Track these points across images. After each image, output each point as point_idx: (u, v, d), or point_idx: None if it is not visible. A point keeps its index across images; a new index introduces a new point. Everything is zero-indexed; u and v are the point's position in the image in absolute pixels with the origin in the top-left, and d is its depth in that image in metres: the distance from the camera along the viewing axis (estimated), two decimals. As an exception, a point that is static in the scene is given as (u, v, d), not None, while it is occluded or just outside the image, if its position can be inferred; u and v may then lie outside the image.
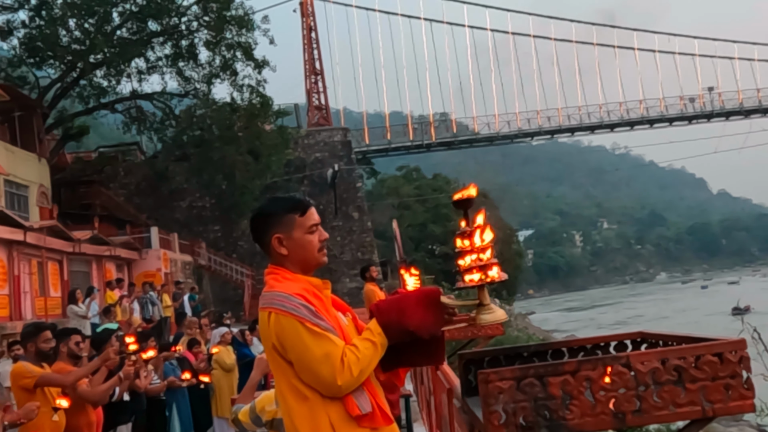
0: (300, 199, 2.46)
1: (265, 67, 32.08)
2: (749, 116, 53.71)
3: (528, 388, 1.77)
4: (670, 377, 1.77)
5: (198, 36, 32.07)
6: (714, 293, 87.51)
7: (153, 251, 26.24)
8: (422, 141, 48.45)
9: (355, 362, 2.15)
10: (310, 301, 2.23)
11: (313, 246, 2.40)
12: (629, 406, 1.76)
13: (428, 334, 2.22)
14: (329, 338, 2.18)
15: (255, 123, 32.15)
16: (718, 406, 1.77)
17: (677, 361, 1.78)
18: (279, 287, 2.29)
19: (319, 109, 45.42)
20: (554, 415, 1.76)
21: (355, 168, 42.23)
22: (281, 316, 2.21)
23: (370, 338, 2.23)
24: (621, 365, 1.78)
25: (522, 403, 1.76)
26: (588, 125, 51.84)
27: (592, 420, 1.76)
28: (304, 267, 2.39)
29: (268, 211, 2.43)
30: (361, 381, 2.18)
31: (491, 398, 1.77)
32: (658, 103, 52.45)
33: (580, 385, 1.77)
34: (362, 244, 39.63)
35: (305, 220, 2.39)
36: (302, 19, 46.89)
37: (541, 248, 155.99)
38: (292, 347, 2.20)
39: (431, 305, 2.23)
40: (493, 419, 1.76)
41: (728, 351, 1.78)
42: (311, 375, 2.18)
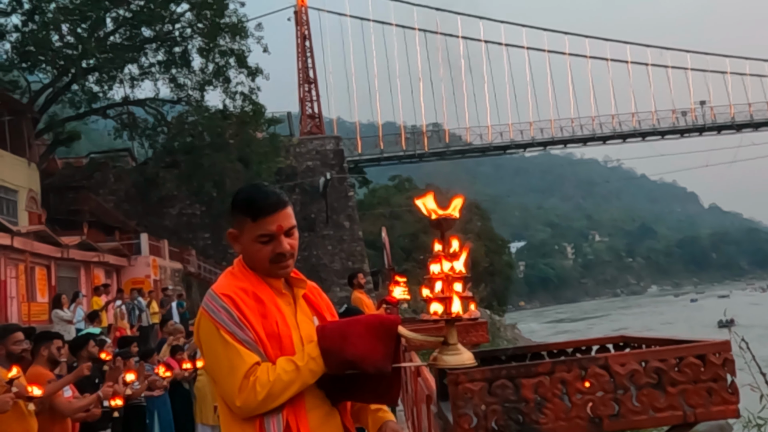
0: (257, 201, 2.07)
1: (258, 74, 32.11)
2: (740, 130, 53.97)
3: (499, 390, 1.67)
4: (650, 380, 1.67)
5: (191, 43, 32.08)
6: (703, 307, 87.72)
7: (142, 258, 26.05)
8: (415, 151, 48.48)
9: (263, 383, 1.90)
10: (238, 305, 1.98)
11: (262, 256, 2.06)
12: (606, 410, 1.66)
13: (373, 368, 1.93)
14: (239, 351, 1.93)
15: (246, 130, 32.10)
16: (700, 411, 1.67)
17: (658, 363, 1.68)
18: (217, 284, 2.08)
19: (311, 118, 45.40)
20: (527, 419, 1.66)
21: (347, 177, 42.21)
22: (203, 317, 2.01)
23: (296, 361, 1.94)
24: (598, 367, 1.68)
25: (493, 406, 1.66)
26: (580, 137, 51.96)
27: (566, 424, 1.66)
28: (260, 272, 2.11)
29: (233, 202, 2.14)
30: (268, 406, 1.92)
31: (461, 401, 1.67)
32: (650, 116, 52.65)
33: (554, 387, 1.67)
34: (352, 253, 39.55)
35: (256, 227, 2.05)
36: (296, 27, 46.94)
37: (532, 260, 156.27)
38: (205, 352, 2.02)
39: (384, 336, 1.95)
40: (462, 423, 1.66)
41: (711, 353, 1.69)
42: (217, 386, 2.00)
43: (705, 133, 53.80)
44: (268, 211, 2.05)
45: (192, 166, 30.83)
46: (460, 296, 1.84)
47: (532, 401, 1.67)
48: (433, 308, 1.85)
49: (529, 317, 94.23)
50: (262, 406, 1.92)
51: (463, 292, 1.85)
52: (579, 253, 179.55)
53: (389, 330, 1.97)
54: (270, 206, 2.06)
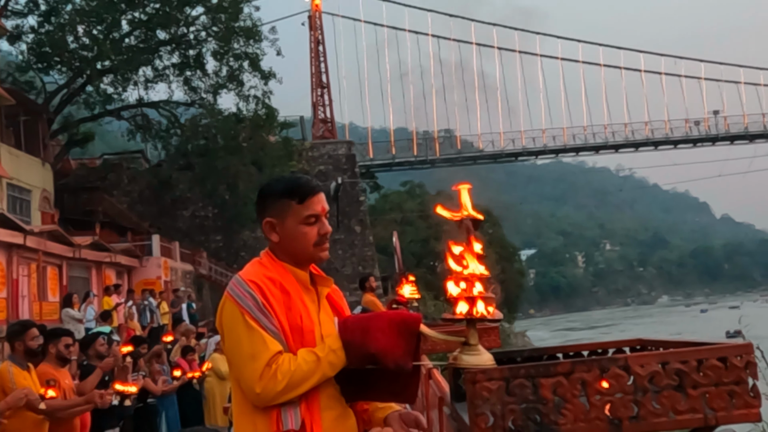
0: (301, 183, 2.14)
1: (272, 78, 32.23)
2: (754, 141, 53.67)
3: (518, 389, 1.64)
4: (670, 382, 1.64)
5: (206, 46, 32.24)
6: (713, 317, 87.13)
7: (153, 259, 26.15)
8: (426, 157, 48.47)
9: (285, 372, 1.90)
10: (264, 293, 1.98)
11: (308, 239, 2.09)
12: (626, 412, 1.63)
13: (394, 364, 1.92)
14: (263, 338, 1.93)
15: (260, 134, 32.21)
16: (722, 414, 1.64)
17: (678, 364, 1.65)
18: (245, 271, 2.08)
19: (324, 122, 45.48)
20: (545, 419, 1.63)
21: (359, 182, 42.23)
22: (227, 300, 2.02)
23: (317, 352, 1.95)
24: (618, 368, 1.66)
25: (511, 406, 1.63)
26: (593, 145, 51.81)
27: (585, 426, 1.63)
28: (297, 259, 2.11)
29: (266, 192, 2.17)
30: (287, 396, 1.91)
31: (478, 400, 1.64)
32: (663, 125, 52.42)
33: (573, 387, 1.64)
34: (363, 258, 39.53)
35: (302, 209, 2.10)
36: (310, 32, 47.08)
37: (544, 268, 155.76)
38: (227, 336, 2.01)
39: (406, 332, 1.95)
40: (479, 422, 1.64)
41: (733, 355, 1.66)
42: (237, 372, 1.98)
43: (718, 143, 53.53)
44: (314, 191, 2.13)
45: (206, 169, 30.94)
46: (483, 297, 1.83)
47: (550, 401, 1.64)
48: (459, 308, 1.84)
49: (539, 325, 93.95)
50: (281, 396, 1.91)
51: (485, 293, 1.84)
52: (590, 262, 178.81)
53: (411, 327, 1.97)
54: (315, 187, 2.15)
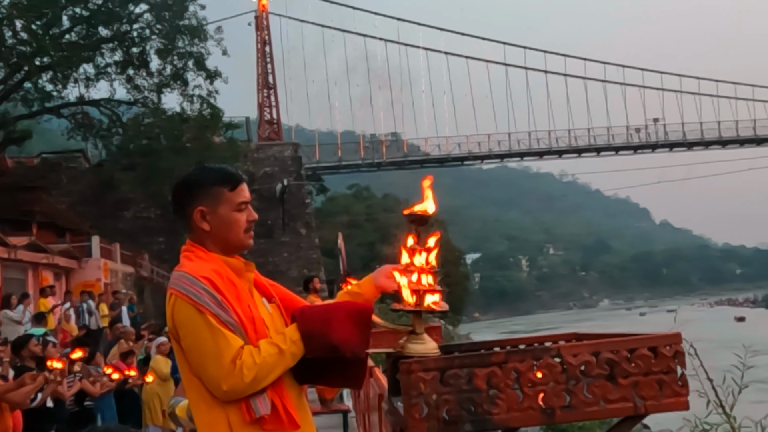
0: (231, 172, 2.20)
1: (217, 78, 31.80)
2: (692, 148, 55.16)
3: (452, 379, 1.65)
4: (602, 371, 1.67)
5: (149, 44, 31.64)
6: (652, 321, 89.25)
7: (93, 260, 25.56)
8: (373, 160, 48.55)
9: (250, 367, 1.93)
10: (218, 288, 2.00)
11: (240, 225, 2.14)
12: (558, 401, 1.66)
13: (351, 353, 2.00)
14: (225, 335, 1.95)
15: (205, 134, 31.77)
16: (651, 403, 1.67)
17: (610, 354, 1.68)
18: (188, 267, 2.06)
19: (270, 124, 45.17)
20: (479, 409, 1.64)
21: (305, 184, 42.04)
22: (180, 299, 1.99)
23: (279, 344, 1.98)
24: (551, 357, 1.68)
25: (445, 396, 1.64)
26: (537, 150, 52.61)
27: (519, 415, 1.65)
28: (226, 247, 2.14)
29: (194, 181, 2.17)
30: (254, 388, 1.95)
31: (413, 390, 1.65)
32: (605, 131, 53.53)
33: (507, 377, 1.66)
34: (309, 260, 39.34)
35: (235, 196, 2.14)
36: (256, 32, 46.70)
37: (489, 272, 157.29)
38: (185, 336, 1.99)
39: (361, 322, 2.02)
40: (414, 412, 1.64)
41: (663, 345, 1.70)
42: (200, 371, 1.98)
43: (658, 150, 54.86)
44: (242, 179, 2.20)
45: (150, 169, 30.36)
46: (431, 289, 1.89)
47: (485, 391, 1.65)
48: (405, 298, 1.90)
49: (485, 328, 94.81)
50: (248, 389, 1.95)
51: (434, 285, 1.89)
52: (535, 266, 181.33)
53: (365, 317, 2.03)
54: (241, 175, 2.22)
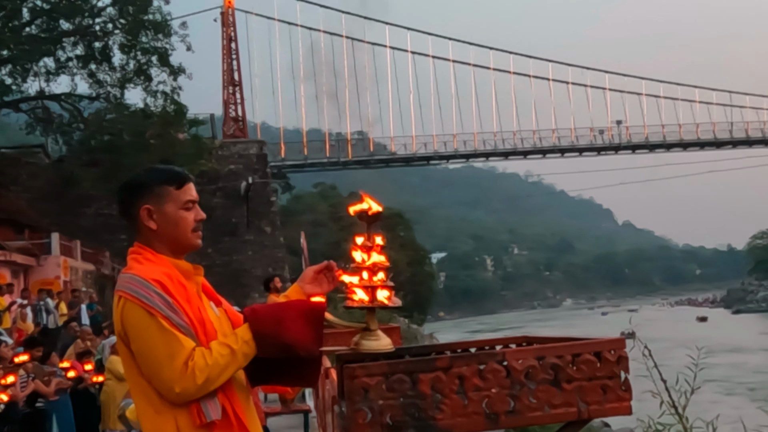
0: (177, 171, 2.20)
1: (181, 74, 31.50)
2: (654, 150, 56.06)
3: (397, 385, 1.64)
4: (546, 376, 1.67)
5: (112, 38, 31.22)
6: (613, 320, 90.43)
7: (52, 258, 25.10)
8: (339, 158, 48.47)
9: (202, 368, 1.91)
10: (169, 291, 1.98)
11: (187, 224, 2.13)
12: (503, 406, 1.65)
13: (305, 352, 1.98)
14: (178, 337, 1.93)
15: (169, 131, 31.40)
16: (594, 408, 1.67)
17: (554, 359, 1.68)
18: (137, 269, 2.04)
19: (235, 121, 44.83)
20: (423, 414, 1.63)
21: (270, 182, 41.79)
22: (130, 302, 1.97)
23: (231, 345, 1.97)
24: (496, 363, 1.67)
25: (390, 401, 1.63)
26: (502, 151, 52.98)
27: (463, 420, 1.64)
28: (175, 247, 2.14)
29: (140, 181, 2.18)
30: (206, 390, 1.93)
31: (357, 395, 1.63)
32: (570, 133, 54.12)
33: (452, 383, 1.65)
34: (274, 259, 39.11)
35: (181, 194, 2.14)
36: (222, 29, 46.32)
37: (454, 271, 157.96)
38: (136, 339, 1.96)
39: (314, 320, 2.00)
40: (357, 418, 1.62)
41: (607, 350, 1.70)
42: (151, 374, 1.96)
43: (621, 152, 55.64)
44: (188, 178, 2.19)
45: (112, 166, 29.86)
46: (383, 285, 1.89)
47: (429, 397, 1.64)
48: (358, 296, 1.91)
49: (449, 328, 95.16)
50: (200, 391, 1.93)
51: (385, 281, 1.90)
52: (500, 266, 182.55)
53: (318, 315, 2.02)
54: (188, 174, 2.21)
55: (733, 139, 56.65)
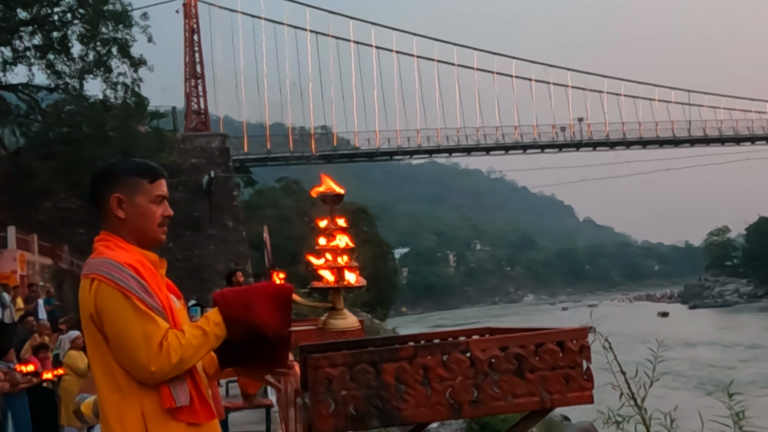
0: (152, 165, 2.26)
1: (142, 66, 31.09)
2: (614, 148, 56.84)
3: (360, 375, 1.63)
4: (509, 366, 1.67)
5: (71, 28, 30.65)
6: (573, 315, 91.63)
7: (8, 252, 24.63)
8: (302, 153, 48.30)
9: (176, 348, 1.95)
10: (142, 275, 2.04)
11: (154, 217, 2.19)
12: (466, 396, 1.65)
13: (274, 333, 2.05)
14: (153, 318, 1.98)
15: (129, 123, 31.00)
16: (557, 397, 1.69)
17: (518, 349, 1.69)
18: (110, 254, 2.08)
19: (197, 114, 44.40)
20: (387, 405, 1.62)
21: (233, 176, 41.49)
22: (105, 284, 2.00)
23: (203, 326, 2.02)
24: (460, 352, 1.67)
25: (353, 392, 1.62)
26: (465, 147, 53.29)
27: (427, 411, 1.64)
28: (141, 239, 2.18)
29: (114, 169, 2.23)
30: (180, 370, 1.99)
31: (320, 386, 1.62)
32: (532, 129, 54.61)
33: (416, 372, 1.64)
34: (236, 254, 38.85)
35: (153, 188, 2.20)
36: (185, 20, 45.83)
37: (417, 267, 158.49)
38: (110, 321, 1.99)
39: (281, 303, 2.07)
40: (321, 408, 1.61)
41: (569, 339, 1.71)
42: (125, 355, 1.98)
43: (582, 149, 56.31)
44: (162, 173, 2.25)
45: (71, 159, 29.39)
46: (348, 266, 1.98)
47: (393, 387, 1.64)
48: (324, 276, 2.00)
49: (412, 323, 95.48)
50: (175, 370, 1.97)
51: (350, 262, 1.98)
52: (462, 262, 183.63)
53: (286, 297, 2.08)
54: (161, 170, 2.27)
55: (691, 137, 57.74)
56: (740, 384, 15.25)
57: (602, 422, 4.42)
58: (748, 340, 48.40)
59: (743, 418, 4.29)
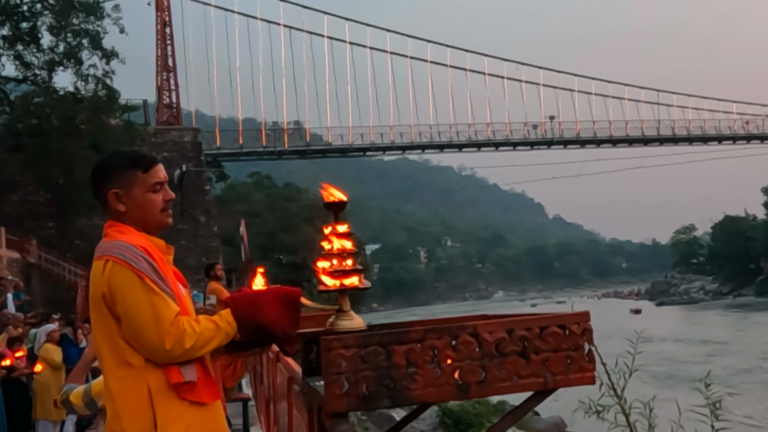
0: (144, 154, 2.27)
1: (114, 58, 30.73)
2: (584, 146, 57.43)
3: (372, 356, 1.67)
4: (515, 348, 1.73)
5: (41, 19, 30.19)
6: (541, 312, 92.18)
7: (-25, 245, 24.28)
8: (275, 148, 48.09)
9: (190, 334, 2.02)
10: (153, 257, 2.09)
11: (155, 205, 2.23)
12: (474, 377, 1.70)
13: (282, 332, 2.13)
14: (165, 300, 2.04)
15: (100, 116, 30.64)
16: (560, 378, 1.74)
17: (523, 331, 1.74)
18: (123, 237, 2.13)
19: (169, 108, 43.99)
20: (397, 385, 1.67)
21: (205, 171, 41.22)
22: (119, 265, 2.05)
23: (216, 321, 2.10)
24: (468, 335, 1.72)
25: (365, 372, 1.66)
26: (438, 143, 53.47)
27: (435, 390, 1.69)
28: (146, 227, 2.23)
29: (106, 165, 2.25)
30: (191, 356, 2.05)
31: (333, 367, 1.66)
32: (504, 127, 54.94)
33: (425, 354, 1.69)
34: (208, 249, 38.62)
35: (148, 177, 2.22)
36: (157, 13, 45.34)
37: (388, 263, 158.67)
38: (123, 300, 2.03)
39: (290, 305, 2.15)
40: (334, 389, 1.65)
41: (572, 323, 1.77)
42: (137, 335, 2.03)
43: (553, 147, 56.80)
44: (155, 160, 2.26)
45: (39, 151, 28.99)
46: (352, 269, 2.01)
47: (403, 367, 1.68)
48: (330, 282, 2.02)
49: (382, 319, 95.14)
50: (188, 354, 2.03)
51: (353, 266, 2.02)
52: (433, 258, 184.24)
53: (294, 299, 2.16)
54: (154, 157, 2.28)
55: (660, 136, 58.55)
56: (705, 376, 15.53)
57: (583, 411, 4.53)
58: (714, 337, 49.27)
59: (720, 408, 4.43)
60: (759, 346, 41.33)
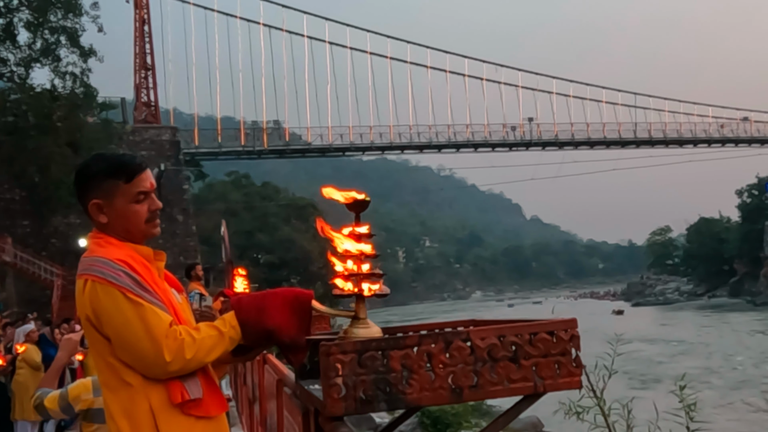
0: (126, 161, 2.08)
1: (92, 56, 30.47)
2: (562, 148, 57.85)
3: (369, 361, 1.73)
4: (506, 353, 1.80)
5: (18, 15, 29.84)
6: (519, 312, 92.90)
7: (-51, 244, 23.98)
8: (254, 147, 47.93)
9: (190, 344, 1.89)
10: (137, 270, 1.95)
11: (139, 217, 2.06)
12: (467, 381, 1.77)
13: (289, 339, 1.99)
14: (154, 311, 1.90)
15: (77, 114, 30.39)
16: (549, 382, 1.81)
17: (514, 338, 1.81)
18: (100, 252, 1.99)
19: (147, 106, 43.69)
20: (394, 389, 1.73)
21: (183, 169, 41.02)
22: (98, 284, 1.91)
23: (219, 327, 1.96)
24: (461, 340, 1.79)
25: (362, 377, 1.72)
26: (417, 144, 53.60)
27: (430, 394, 1.75)
28: (129, 238, 2.08)
29: (86, 173, 2.08)
30: (191, 368, 1.92)
31: (331, 371, 1.71)
32: (483, 128, 55.20)
33: (420, 359, 1.75)
34: (186, 248, 38.44)
35: (131, 187, 2.05)
36: (135, 11, 45.03)
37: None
38: (110, 319, 1.90)
39: (299, 309, 2.02)
40: (332, 393, 1.71)
41: (560, 329, 1.84)
42: (131, 353, 1.90)
43: (531, 148, 57.16)
44: (140, 168, 2.08)
45: (14, 148, 28.68)
46: (371, 274, 1.94)
47: (399, 372, 1.75)
48: (346, 285, 1.95)
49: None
50: (190, 365, 1.91)
51: (372, 270, 1.95)
52: (411, 258, 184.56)
53: (304, 303, 2.04)
54: (141, 164, 2.10)
55: (636, 138, 59.13)
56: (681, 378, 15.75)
57: (564, 413, 4.61)
58: (688, 337, 49.87)
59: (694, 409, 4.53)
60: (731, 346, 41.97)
